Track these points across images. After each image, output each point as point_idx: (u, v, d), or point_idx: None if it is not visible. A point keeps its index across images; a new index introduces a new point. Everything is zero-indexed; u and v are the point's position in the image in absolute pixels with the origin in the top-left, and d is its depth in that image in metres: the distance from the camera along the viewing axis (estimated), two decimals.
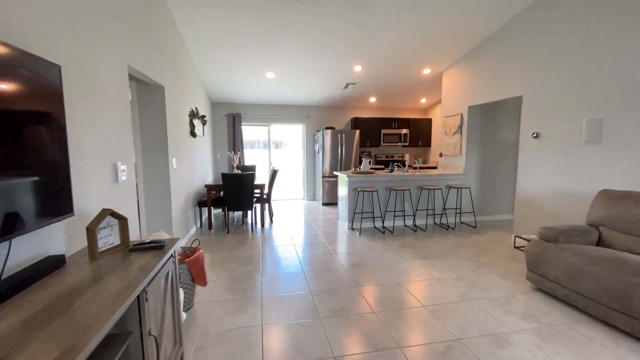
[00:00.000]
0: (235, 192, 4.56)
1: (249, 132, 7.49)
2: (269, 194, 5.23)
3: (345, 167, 6.83)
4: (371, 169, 7.07)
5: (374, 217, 4.97)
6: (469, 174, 5.28)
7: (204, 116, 5.40)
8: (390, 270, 3.26)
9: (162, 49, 3.34)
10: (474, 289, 2.83)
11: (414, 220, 5.14)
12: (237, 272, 3.23)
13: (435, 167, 7.44)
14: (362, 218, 4.95)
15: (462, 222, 5.29)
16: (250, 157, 7.49)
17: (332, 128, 6.79)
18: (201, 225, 5.04)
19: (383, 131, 7.33)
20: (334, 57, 4.88)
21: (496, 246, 4.03)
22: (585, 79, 3.31)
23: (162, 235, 2.48)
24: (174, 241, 1.76)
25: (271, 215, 5.62)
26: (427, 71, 5.64)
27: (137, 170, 3.43)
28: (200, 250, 2.53)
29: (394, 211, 4.98)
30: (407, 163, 5.41)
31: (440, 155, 5.82)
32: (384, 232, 4.66)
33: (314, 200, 7.57)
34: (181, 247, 2.64)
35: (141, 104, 3.40)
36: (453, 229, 4.89)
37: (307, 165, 7.48)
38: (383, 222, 5.01)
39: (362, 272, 3.21)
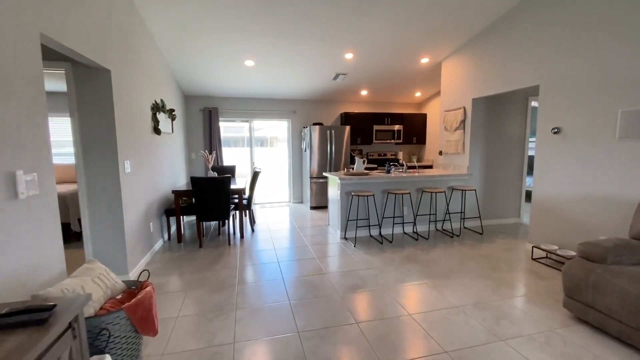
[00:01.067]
0: (207, 199, 3.87)
1: (229, 128, 6.77)
2: (249, 199, 4.57)
3: (335, 167, 6.22)
4: (365, 169, 6.49)
5: (369, 225, 4.38)
6: (472, 174, 4.76)
7: (172, 110, 4.67)
8: (397, 295, 2.67)
9: (106, 22, 2.62)
10: (502, 321, 2.28)
11: (414, 226, 4.59)
12: (206, 304, 2.57)
13: (430, 166, 6.94)
14: (356, 226, 4.35)
15: (465, 228, 4.78)
16: (230, 157, 6.78)
17: (320, 124, 6.16)
18: (169, 238, 4.33)
19: (375, 127, 6.76)
20: (322, 42, 4.24)
21: (510, 257, 3.51)
22: (620, 65, 2.80)
23: (93, 269, 1.80)
24: (75, 301, 1.10)
25: (252, 222, 4.96)
26: (425, 60, 5.08)
27: (77, 178, 2.71)
28: (148, 288, 1.87)
29: (393, 217, 4.41)
30: (403, 162, 4.84)
31: (440, 153, 5.29)
32: (381, 242, 4.08)
33: (301, 203, 6.94)
34: (123, 282, 1.96)
35: (81, 93, 2.68)
36: (458, 236, 4.36)
37: (293, 165, 6.83)
38: (380, 230, 4.43)
39: (362, 300, 2.61)
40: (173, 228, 4.61)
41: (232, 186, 4.36)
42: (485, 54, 4.28)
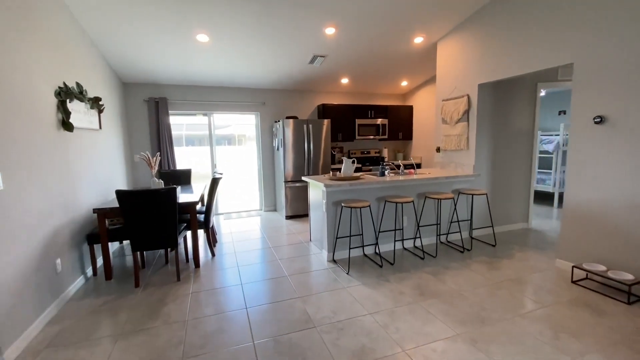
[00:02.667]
0: (143, 221, 2.78)
1: (193, 125, 5.58)
2: (207, 214, 3.50)
3: (313, 169, 5.27)
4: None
5: (363, 242, 3.50)
6: (480, 175, 4.03)
7: (97, 99, 3.47)
8: None
9: None
10: None
11: (416, 240, 3.78)
12: None
13: (419, 165, 6.20)
14: (349, 246, 3.45)
15: (473, 238, 4.05)
16: (187, 158, 5.60)
17: (294, 117, 5.18)
18: (95, 273, 3.16)
19: (358, 121, 5.89)
20: (298, 9, 3.27)
21: (544, 282, 2.78)
22: None
23: None
24: None
25: (213, 243, 3.89)
26: (419, 40, 4.27)
27: None
28: None
29: (394, 230, 3.56)
30: (400, 163, 4.01)
31: (438, 150, 4.52)
32: (381, 265, 3.21)
33: (274, 211, 5.92)
34: None
35: None
36: (469, 250, 3.60)
37: (264, 167, 5.79)
38: (377, 248, 3.57)
39: None
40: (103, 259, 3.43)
41: (184, 198, 3.28)
42: (495, 29, 3.53)
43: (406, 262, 3.27)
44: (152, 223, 2.79)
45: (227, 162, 5.94)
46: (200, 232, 4.50)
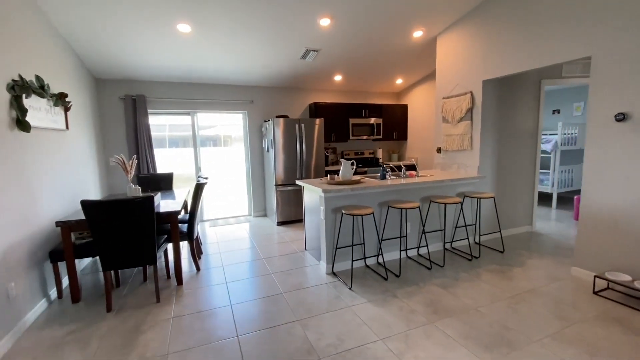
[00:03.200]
0: (114, 235, 2.40)
1: (176, 126, 5.17)
2: (191, 224, 3.14)
3: (306, 171, 4.95)
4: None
5: (364, 251, 3.21)
6: (485, 177, 3.82)
7: (62, 95, 3.05)
8: None
9: None
10: None
11: (420, 248, 3.52)
12: None
13: (413, 166, 5.97)
14: (352, 258, 3.15)
15: (478, 244, 3.82)
16: (171, 161, 5.18)
17: (285, 117, 4.85)
18: (60, 295, 2.75)
19: (351, 121, 5.61)
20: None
21: (564, 293, 2.56)
22: None
23: None
24: None
25: (197, 256, 3.53)
26: (418, 34, 4.02)
27: None
28: None
29: (400, 238, 3.29)
30: (401, 165, 3.75)
31: (439, 150, 4.28)
32: (386, 278, 2.92)
33: (265, 216, 5.57)
34: None
35: None
36: (477, 257, 3.36)
37: (252, 169, 5.43)
38: (381, 258, 3.29)
39: None
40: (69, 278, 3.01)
41: (165, 207, 2.91)
42: (502, 22, 3.31)
43: (413, 273, 3.00)
44: (125, 238, 2.41)
45: (213, 164, 5.55)
46: (184, 243, 4.12)
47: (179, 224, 3.17)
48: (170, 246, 3.86)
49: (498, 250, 3.54)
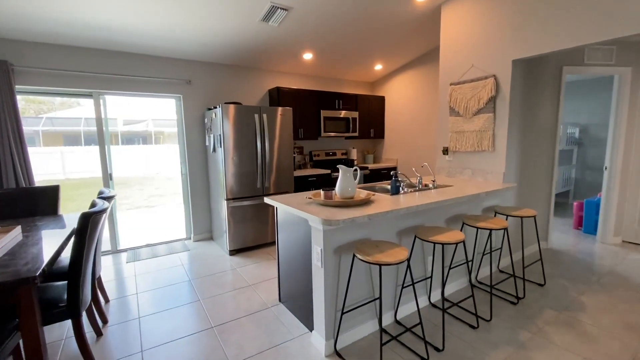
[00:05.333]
0: None
1: (83, 117, 3.41)
2: (73, 288, 1.67)
3: (270, 178, 3.66)
4: (312, 177, 4.17)
5: (381, 309, 2.09)
6: (516, 186, 2.97)
7: None
8: None
9: None
10: None
11: (441, 288, 2.51)
12: None
13: (393, 169, 5.05)
14: (368, 317, 1.98)
15: (502, 271, 2.97)
16: (69, 162, 3.43)
17: (237, 104, 3.49)
18: None
19: (323, 114, 4.46)
20: None
21: None
22: None
23: None
24: None
25: (99, 329, 2.05)
26: None
27: None
28: None
29: (426, 280, 2.22)
30: (419, 175, 2.69)
31: (445, 152, 3.35)
32: (426, 358, 1.82)
33: (210, 240, 4.12)
34: None
35: None
36: (522, 298, 2.47)
37: (192, 176, 3.95)
38: (396, 314, 2.19)
39: None
40: None
41: (14, 259, 1.41)
42: None
43: (457, 341, 1.96)
44: None
45: (140, 167, 3.93)
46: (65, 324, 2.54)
47: (57, 286, 1.68)
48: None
49: (537, 283, 2.71)
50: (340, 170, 2.12)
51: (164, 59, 3.63)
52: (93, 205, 1.96)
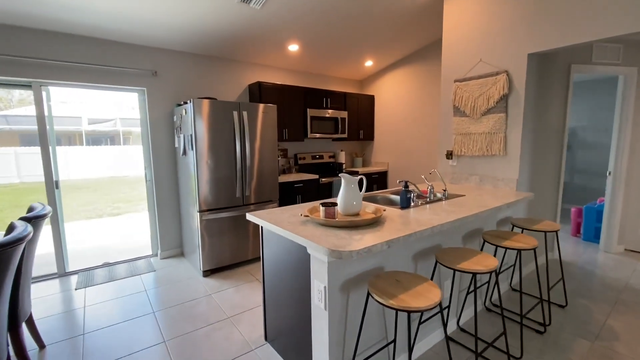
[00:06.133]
0: None
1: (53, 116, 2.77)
2: None
3: (251, 186, 3.18)
4: (298, 183, 3.75)
5: (395, 351, 1.68)
6: (533, 195, 2.67)
7: None
8: None
9: None
10: None
11: (452, 315, 2.15)
12: None
13: (383, 173, 4.71)
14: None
15: (514, 290, 2.66)
16: (26, 164, 2.97)
17: (212, 99, 2.99)
18: None
19: (310, 113, 4.03)
20: None
21: None
22: None
23: None
24: None
25: None
26: None
27: None
28: None
29: (442, 311, 1.84)
30: (431, 185, 2.31)
31: (449, 156, 3.03)
32: None
33: (180, 256, 3.57)
34: None
35: None
36: (548, 325, 2.15)
37: (158, 183, 3.39)
38: (410, 355, 1.80)
39: None
40: None
41: None
42: None
43: None
44: None
45: (103, 169, 3.34)
46: None
47: None
48: None
49: (558, 305, 2.41)
50: (343, 180, 1.70)
51: (124, 45, 3.07)
52: (10, 229, 1.43)
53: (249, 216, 1.83)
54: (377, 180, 4.60)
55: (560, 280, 2.61)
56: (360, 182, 1.89)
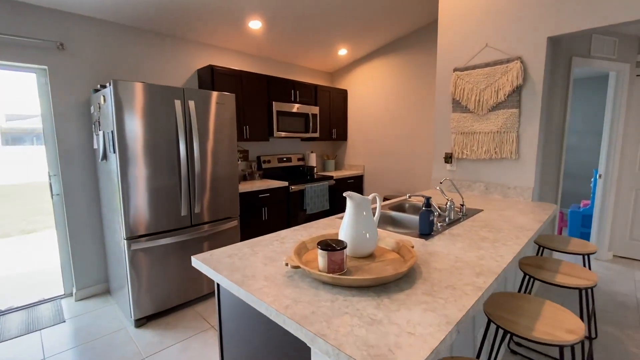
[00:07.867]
0: None
1: None
2: None
3: (202, 201, 2.42)
4: (264, 192, 3.06)
5: None
6: (557, 208, 2.26)
7: None
8: None
9: None
10: None
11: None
12: None
13: (359, 178, 4.19)
14: None
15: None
16: None
17: (143, 83, 2.19)
18: None
19: (276, 106, 3.35)
20: None
21: None
22: None
23: None
24: None
25: None
26: None
27: None
28: None
29: None
30: (450, 199, 1.75)
31: (448, 160, 2.54)
32: None
33: (105, 294, 2.68)
34: None
35: None
36: None
37: (68, 198, 2.48)
38: None
39: None
40: None
41: None
42: None
43: None
44: None
45: (24, 173, 2.34)
46: None
47: None
48: None
49: (585, 337, 2.03)
50: (349, 202, 1.08)
51: (11, 2, 2.14)
52: None
53: (196, 262, 1.13)
54: (352, 186, 4.05)
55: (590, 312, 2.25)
56: (375, 206, 1.34)
